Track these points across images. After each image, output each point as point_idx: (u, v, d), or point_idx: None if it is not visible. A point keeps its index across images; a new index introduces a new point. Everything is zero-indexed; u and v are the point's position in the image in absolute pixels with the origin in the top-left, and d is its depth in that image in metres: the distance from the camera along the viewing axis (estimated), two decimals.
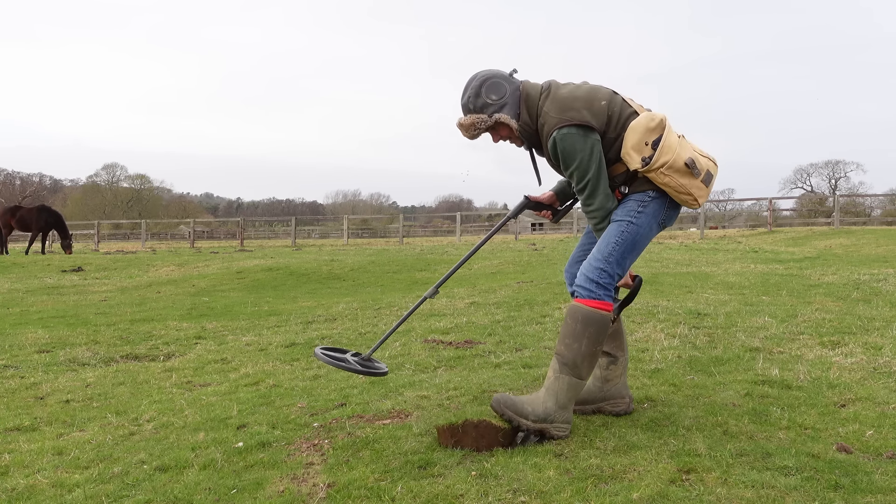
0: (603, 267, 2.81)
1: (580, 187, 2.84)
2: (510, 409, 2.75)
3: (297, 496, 2.38)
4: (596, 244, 2.93)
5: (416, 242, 29.68)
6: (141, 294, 10.58)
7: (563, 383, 2.79)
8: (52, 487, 2.64)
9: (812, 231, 22.66)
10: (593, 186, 2.80)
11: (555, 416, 2.76)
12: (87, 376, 4.65)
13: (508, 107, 2.87)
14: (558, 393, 2.78)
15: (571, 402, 2.81)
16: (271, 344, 5.43)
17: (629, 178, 2.88)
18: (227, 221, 56.81)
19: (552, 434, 2.75)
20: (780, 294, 6.72)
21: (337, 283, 11.52)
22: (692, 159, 2.82)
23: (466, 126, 2.90)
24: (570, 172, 2.83)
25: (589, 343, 2.78)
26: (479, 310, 6.44)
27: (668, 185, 2.82)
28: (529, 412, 2.75)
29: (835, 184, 64.41)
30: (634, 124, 2.81)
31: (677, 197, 2.86)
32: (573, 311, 2.82)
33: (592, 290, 2.80)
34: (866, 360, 3.84)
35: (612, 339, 3.07)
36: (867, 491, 2.23)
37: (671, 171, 2.79)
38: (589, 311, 2.78)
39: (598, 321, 2.78)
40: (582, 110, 2.79)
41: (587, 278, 2.82)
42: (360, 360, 3.09)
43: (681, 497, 2.20)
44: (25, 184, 71.95)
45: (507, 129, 2.92)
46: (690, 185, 2.83)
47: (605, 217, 2.86)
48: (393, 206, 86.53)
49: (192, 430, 3.20)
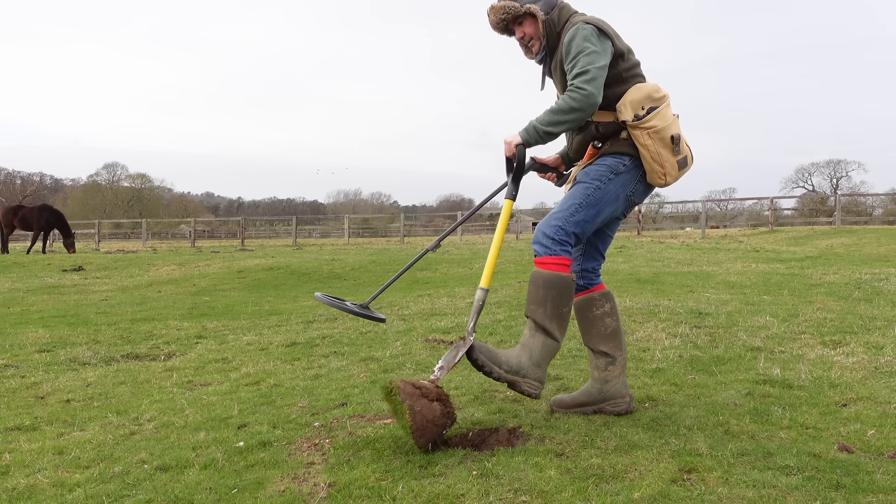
0: (561, 225, 2.85)
1: (583, 70, 2.76)
2: (485, 355, 2.76)
3: (298, 496, 2.37)
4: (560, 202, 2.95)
5: (417, 242, 29.68)
6: (142, 293, 10.58)
7: (537, 341, 2.83)
8: (53, 487, 2.64)
9: (813, 230, 22.65)
10: (596, 76, 2.76)
11: (527, 371, 2.79)
12: (88, 376, 4.65)
13: (542, 3, 2.93)
14: (532, 349, 2.82)
15: (545, 362, 2.84)
16: (272, 343, 5.43)
17: (610, 132, 2.89)
18: (228, 221, 56.87)
19: (522, 388, 2.78)
20: (782, 293, 6.71)
21: (338, 282, 11.53)
22: (679, 135, 2.89)
23: (497, 9, 2.95)
24: (578, 55, 2.79)
25: (553, 305, 2.82)
26: None
27: (648, 148, 2.83)
28: (503, 362, 2.78)
29: (836, 183, 64.44)
30: (641, 85, 2.88)
31: (650, 166, 2.87)
32: (534, 277, 2.86)
33: (549, 246, 2.84)
34: (868, 360, 3.84)
35: (610, 338, 3.07)
36: (869, 490, 2.22)
37: (656, 137, 2.83)
38: (549, 275, 2.82)
39: (558, 283, 2.81)
40: (609, 27, 2.87)
41: (544, 234, 2.86)
42: (359, 306, 3.08)
43: (682, 497, 2.20)
44: (26, 183, 72.03)
45: (533, 27, 2.95)
46: (666, 158, 2.87)
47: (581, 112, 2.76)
48: (394, 206, 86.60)
49: (193, 429, 3.20)
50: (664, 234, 28.40)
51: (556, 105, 2.81)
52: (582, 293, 3.10)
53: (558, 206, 2.92)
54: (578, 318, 3.12)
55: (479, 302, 2.88)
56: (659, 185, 2.94)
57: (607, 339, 3.06)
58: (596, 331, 3.06)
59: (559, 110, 2.79)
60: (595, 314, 3.07)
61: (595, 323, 3.06)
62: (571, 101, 2.76)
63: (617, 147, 2.90)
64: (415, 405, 2.58)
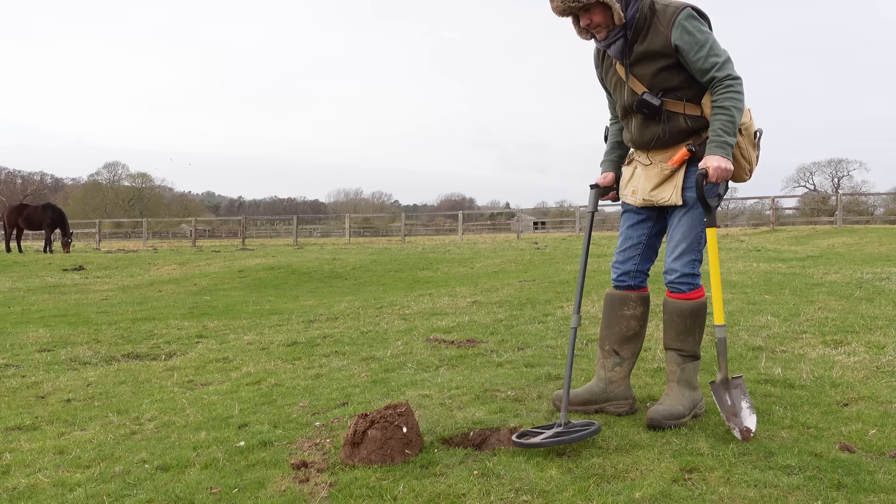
0: (696, 258, 2.90)
1: (724, 59, 2.74)
2: (669, 419, 2.80)
3: (299, 495, 2.37)
4: (679, 233, 2.88)
5: (419, 241, 29.67)
6: (142, 293, 10.58)
7: (689, 371, 2.93)
8: (54, 486, 2.64)
9: (815, 230, 22.63)
10: (731, 60, 2.74)
11: (696, 398, 2.91)
12: (89, 375, 4.65)
13: None
14: (689, 379, 2.92)
15: (697, 379, 2.97)
16: (273, 343, 5.43)
17: (698, 127, 2.83)
18: (229, 220, 56.89)
19: (699, 413, 2.93)
20: (783, 293, 6.70)
21: (339, 281, 11.53)
22: (761, 131, 2.90)
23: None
24: (709, 46, 2.73)
25: (700, 331, 2.93)
26: (481, 309, 6.43)
27: (738, 146, 2.82)
28: (682, 410, 2.84)
29: (838, 182, 64.39)
30: None
31: (739, 163, 2.85)
32: (680, 310, 2.90)
33: (692, 282, 2.91)
34: (869, 359, 3.83)
35: (628, 341, 3.06)
36: (870, 490, 2.22)
37: (746, 134, 2.83)
38: (694, 306, 2.90)
39: (701, 311, 2.93)
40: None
41: (685, 274, 2.89)
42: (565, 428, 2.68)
43: (683, 496, 2.19)
44: (27, 182, 72.03)
45: (603, 16, 2.75)
46: (752, 155, 2.89)
47: (743, 92, 2.74)
48: (395, 205, 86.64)
49: (194, 429, 3.20)
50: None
51: (731, 108, 2.71)
52: (626, 290, 3.07)
53: (681, 237, 2.88)
54: (606, 312, 3.10)
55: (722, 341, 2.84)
56: (744, 180, 2.95)
57: (626, 340, 3.05)
58: (619, 329, 3.05)
59: (737, 112, 2.73)
60: (625, 314, 3.05)
61: (621, 322, 3.05)
62: (738, 95, 2.73)
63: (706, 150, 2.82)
64: None
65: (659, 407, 2.85)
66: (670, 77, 2.81)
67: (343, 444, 2.68)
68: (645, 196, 2.94)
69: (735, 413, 2.72)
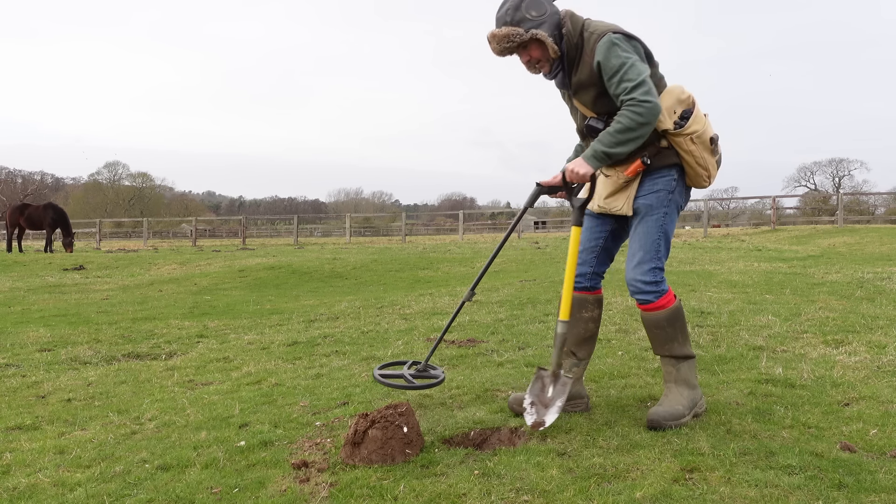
0: (655, 265, 2.89)
1: (638, 82, 2.68)
2: (669, 419, 2.81)
3: (300, 495, 2.37)
4: (636, 242, 2.91)
5: (419, 241, 29.67)
6: (143, 292, 10.58)
7: (685, 370, 2.95)
8: (54, 486, 2.63)
9: (816, 229, 22.62)
10: (651, 86, 2.69)
11: (696, 396, 2.92)
12: (89, 375, 4.65)
13: (546, 25, 2.81)
14: (687, 378, 2.94)
15: (696, 377, 2.98)
16: (273, 343, 5.43)
17: (650, 141, 2.83)
18: (230, 220, 56.91)
19: (699, 413, 2.94)
20: (784, 292, 6.70)
21: (339, 281, 11.53)
22: (717, 136, 2.88)
23: (500, 38, 2.80)
24: (622, 72, 2.70)
25: (682, 332, 2.95)
26: (481, 308, 6.43)
27: (693, 154, 2.82)
28: (681, 410, 2.85)
29: (838, 182, 64.38)
30: (670, 88, 2.84)
31: (695, 170, 2.86)
32: (655, 321, 2.92)
33: (656, 289, 2.89)
34: (870, 359, 3.83)
35: (585, 342, 3.12)
36: (871, 490, 2.22)
37: (699, 142, 2.82)
38: (668, 314, 2.90)
39: (677, 314, 2.93)
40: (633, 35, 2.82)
41: (643, 282, 2.88)
42: (417, 370, 3.16)
43: (684, 496, 2.19)
44: (27, 182, 72.05)
45: (540, 51, 2.84)
46: (710, 161, 2.88)
47: (649, 125, 2.69)
48: (395, 205, 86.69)
49: (194, 428, 3.20)
50: None
51: (620, 124, 2.70)
52: (582, 292, 3.11)
53: (638, 247, 2.89)
54: None
55: (561, 337, 2.88)
56: (703, 187, 2.95)
57: (583, 342, 3.11)
58: (577, 331, 3.10)
59: (626, 129, 2.69)
60: (583, 316, 3.10)
61: (578, 324, 3.09)
62: (637, 117, 2.67)
63: (663, 160, 2.85)
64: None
65: (659, 408, 2.86)
66: (609, 102, 2.83)
67: (344, 443, 2.68)
68: (600, 203, 3.01)
69: (543, 403, 2.76)
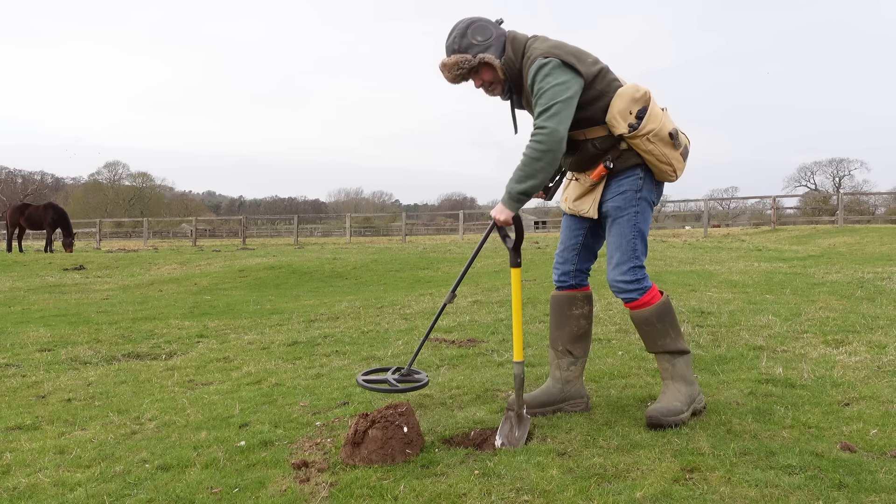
0: (634, 264, 2.90)
1: (545, 108, 2.68)
2: (667, 415, 2.81)
3: (300, 495, 2.37)
4: (612, 244, 2.92)
5: (419, 241, 29.67)
6: (143, 292, 10.58)
7: (680, 366, 2.95)
8: (54, 486, 2.63)
9: (816, 229, 22.62)
10: (558, 111, 2.67)
11: (693, 392, 2.92)
12: (89, 375, 4.65)
13: (493, 48, 2.85)
14: (683, 374, 2.94)
15: (692, 372, 2.98)
16: (273, 342, 5.43)
17: (609, 146, 2.86)
18: (230, 220, 56.92)
19: (699, 409, 2.94)
20: (784, 292, 6.70)
21: (339, 281, 11.52)
22: (676, 130, 2.88)
23: (450, 66, 2.85)
24: (540, 94, 2.72)
25: (672, 327, 2.94)
26: (481, 308, 6.43)
27: (652, 153, 2.82)
28: (679, 406, 2.85)
29: (839, 182, 64.35)
30: (622, 91, 2.83)
31: (658, 167, 2.87)
32: (644, 318, 2.92)
33: (637, 288, 2.90)
34: (870, 359, 3.83)
35: (580, 340, 3.11)
36: (871, 490, 2.22)
37: (656, 140, 2.82)
38: (655, 310, 2.91)
39: (665, 310, 2.93)
40: (570, 55, 2.79)
41: (625, 282, 2.89)
42: (401, 375, 3.16)
43: (684, 496, 2.19)
44: (27, 182, 72.04)
45: (491, 73, 2.87)
46: (672, 155, 2.87)
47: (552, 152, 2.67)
48: (395, 205, 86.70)
49: (194, 428, 3.20)
50: (666, 232, 28.37)
51: (525, 156, 2.71)
52: (569, 290, 3.12)
53: (614, 248, 2.91)
54: (555, 314, 3.15)
55: (519, 378, 2.86)
56: (670, 181, 2.96)
57: (577, 339, 3.11)
58: (569, 329, 3.10)
59: (530, 160, 2.70)
60: (573, 313, 3.10)
61: (570, 322, 3.10)
62: (538, 145, 2.68)
63: (626, 161, 2.87)
64: None
65: (657, 405, 2.86)
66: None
67: (344, 443, 2.68)
68: (570, 205, 3.05)
69: (512, 443, 2.71)
